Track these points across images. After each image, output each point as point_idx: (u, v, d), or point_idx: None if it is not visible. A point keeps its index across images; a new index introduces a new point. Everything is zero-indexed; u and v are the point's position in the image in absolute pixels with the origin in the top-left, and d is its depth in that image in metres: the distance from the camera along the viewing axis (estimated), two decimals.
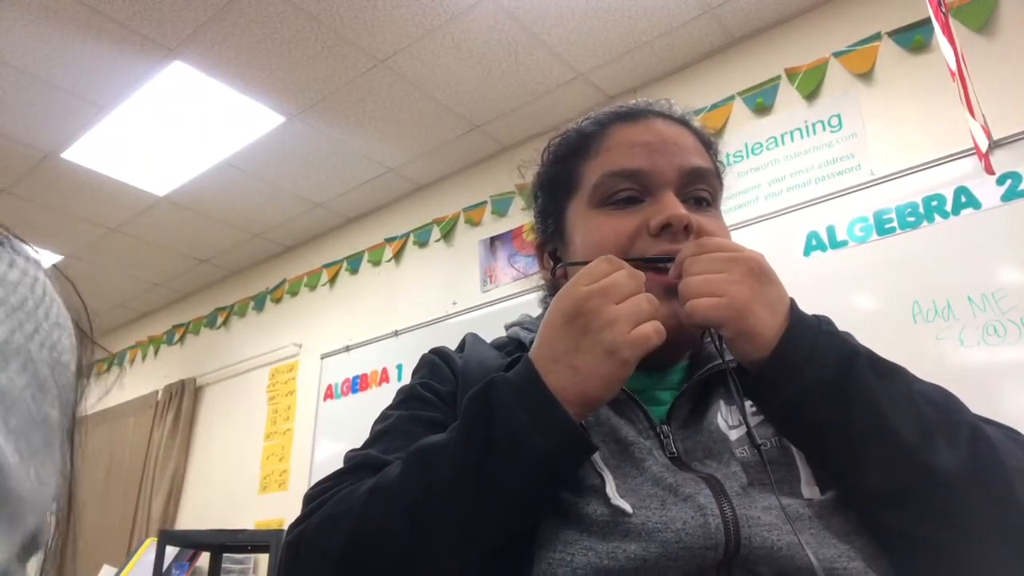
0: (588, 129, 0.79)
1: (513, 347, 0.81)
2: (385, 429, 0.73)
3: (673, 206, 0.70)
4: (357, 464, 0.68)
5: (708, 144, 0.80)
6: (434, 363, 0.81)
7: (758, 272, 0.62)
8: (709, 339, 0.72)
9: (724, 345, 0.65)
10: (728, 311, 0.60)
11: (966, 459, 0.56)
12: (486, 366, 0.75)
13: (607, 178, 0.73)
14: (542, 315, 0.84)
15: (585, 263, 0.66)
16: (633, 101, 0.81)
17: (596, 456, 0.63)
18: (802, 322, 0.62)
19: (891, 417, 0.57)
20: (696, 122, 0.81)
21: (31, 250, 0.45)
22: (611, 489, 0.60)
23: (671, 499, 0.59)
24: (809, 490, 0.61)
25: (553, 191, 0.82)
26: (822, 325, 0.62)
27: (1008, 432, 0.63)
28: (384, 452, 0.68)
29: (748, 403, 0.67)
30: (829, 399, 0.58)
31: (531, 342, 0.75)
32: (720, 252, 0.63)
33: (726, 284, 0.61)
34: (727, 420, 0.68)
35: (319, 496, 0.65)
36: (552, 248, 0.82)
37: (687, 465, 0.65)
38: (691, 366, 0.75)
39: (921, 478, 0.56)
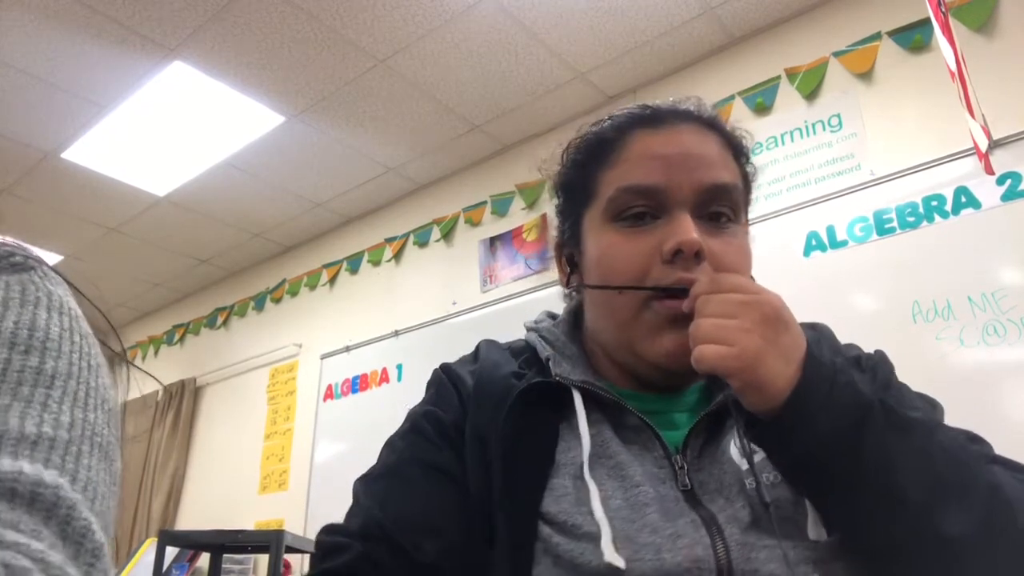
0: (608, 134, 0.76)
1: (530, 355, 0.77)
2: (389, 469, 0.71)
3: (685, 230, 0.66)
4: (371, 532, 0.65)
5: (738, 149, 0.76)
6: (442, 385, 0.77)
7: (773, 319, 0.59)
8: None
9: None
10: (737, 362, 0.57)
11: (978, 522, 0.54)
12: (498, 386, 0.73)
13: (622, 193, 0.70)
14: (564, 320, 0.82)
15: (603, 287, 0.70)
16: (659, 101, 0.76)
17: (596, 502, 0.62)
18: (816, 373, 0.58)
19: (900, 476, 0.55)
20: (728, 123, 0.77)
21: (53, 270, 0.47)
22: (607, 542, 0.59)
23: (667, 546, 0.59)
24: (816, 531, 0.60)
25: (571, 195, 0.79)
26: (838, 376, 0.59)
27: None
28: (385, 504, 0.67)
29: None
30: (837, 456, 0.56)
31: (548, 360, 0.74)
32: (734, 294, 0.60)
33: (737, 332, 0.58)
34: (742, 446, 0.67)
35: (331, 557, 0.64)
36: (569, 252, 0.80)
37: (698, 499, 0.64)
38: (708, 387, 0.73)
39: (926, 539, 0.54)
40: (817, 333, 0.76)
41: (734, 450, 0.66)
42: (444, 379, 0.78)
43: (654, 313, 0.67)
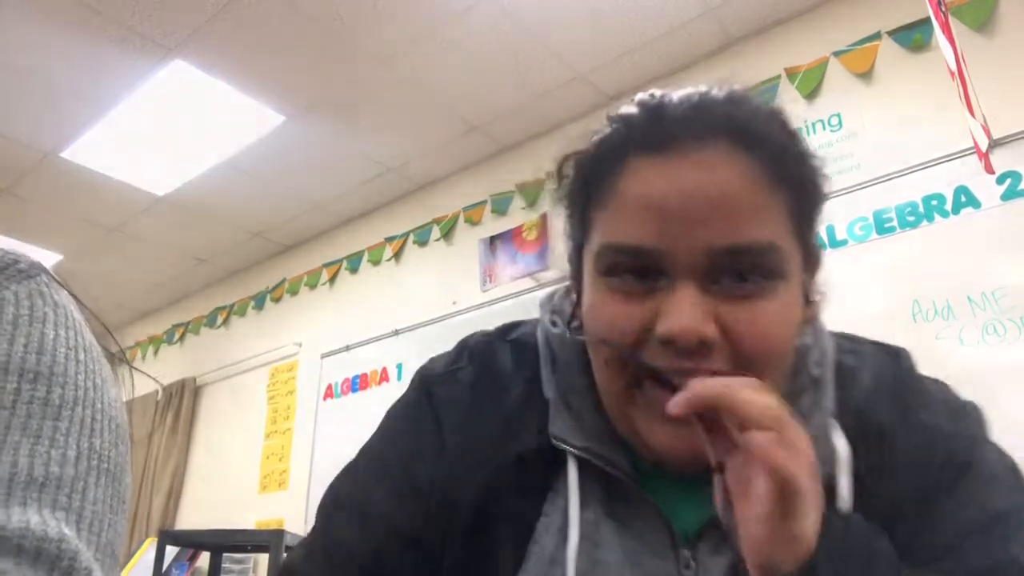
0: (598, 162, 0.58)
1: (537, 372, 0.63)
2: (352, 503, 0.64)
3: (680, 315, 0.50)
4: None
5: (790, 166, 0.54)
6: (421, 416, 0.63)
7: (787, 496, 0.44)
8: None
9: None
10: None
11: None
12: (489, 432, 0.60)
13: (608, 251, 0.55)
14: (577, 343, 0.63)
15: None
16: (674, 99, 0.56)
17: None
18: (824, 563, 0.45)
19: None
20: (773, 126, 0.55)
21: (54, 278, 0.48)
22: None
23: None
24: None
25: (570, 221, 0.63)
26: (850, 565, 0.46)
27: None
28: (332, 554, 0.62)
29: None
30: None
31: (556, 390, 0.61)
32: (754, 444, 0.44)
33: (741, 512, 0.46)
34: None
35: None
36: (577, 278, 0.63)
37: None
38: None
39: None
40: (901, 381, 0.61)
41: None
42: (425, 409, 0.64)
43: (646, 396, 0.53)
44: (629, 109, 0.58)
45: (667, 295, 0.52)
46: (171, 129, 3.27)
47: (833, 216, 2.38)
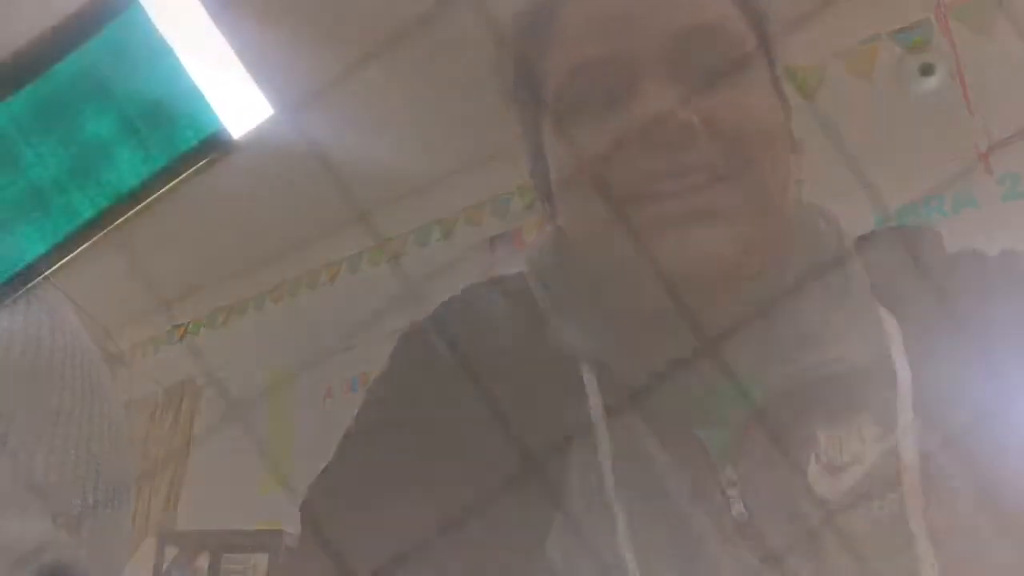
0: (533, 16, 0.54)
1: (532, 309, 0.54)
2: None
3: (650, 103, 0.43)
4: None
5: None
6: (405, 368, 0.57)
7: None
8: None
9: None
10: None
11: None
12: (494, 365, 0.52)
13: (563, 83, 0.48)
14: (565, 255, 0.58)
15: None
16: None
17: (622, 536, 0.43)
18: None
19: None
20: None
21: (49, 280, 0.48)
22: None
23: None
24: None
25: (521, 102, 0.58)
26: None
27: None
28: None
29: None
30: None
31: (555, 308, 0.53)
32: None
33: None
34: (829, 457, 0.43)
35: None
36: (545, 188, 0.56)
37: (763, 540, 0.42)
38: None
39: None
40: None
41: (815, 462, 0.43)
42: (406, 359, 0.59)
43: (634, 219, 0.45)
44: None
45: (635, 97, 0.45)
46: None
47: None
